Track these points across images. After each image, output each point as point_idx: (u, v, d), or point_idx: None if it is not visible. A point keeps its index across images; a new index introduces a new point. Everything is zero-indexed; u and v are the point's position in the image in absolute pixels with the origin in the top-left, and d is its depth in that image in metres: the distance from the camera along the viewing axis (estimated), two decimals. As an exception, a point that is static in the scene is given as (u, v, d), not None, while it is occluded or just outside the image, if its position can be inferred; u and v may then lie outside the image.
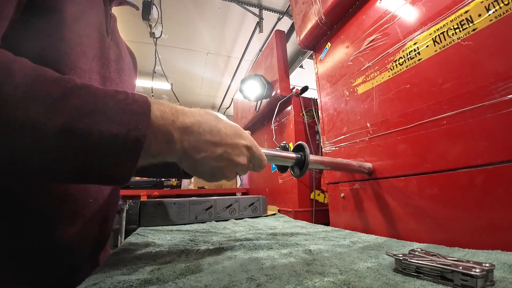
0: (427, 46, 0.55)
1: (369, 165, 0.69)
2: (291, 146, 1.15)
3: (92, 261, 0.49)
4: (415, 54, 0.57)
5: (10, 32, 0.30)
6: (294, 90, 1.15)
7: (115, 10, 0.54)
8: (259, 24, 2.35)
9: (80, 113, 0.24)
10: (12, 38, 0.30)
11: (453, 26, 0.50)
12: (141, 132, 0.26)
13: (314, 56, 1.01)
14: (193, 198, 0.97)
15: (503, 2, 0.42)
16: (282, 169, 0.57)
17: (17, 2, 0.30)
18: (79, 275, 0.43)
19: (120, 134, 0.25)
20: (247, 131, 0.44)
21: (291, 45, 2.58)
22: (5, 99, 0.21)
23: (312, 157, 0.56)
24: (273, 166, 1.22)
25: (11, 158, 0.23)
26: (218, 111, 4.58)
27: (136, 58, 0.66)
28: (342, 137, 0.82)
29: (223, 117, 0.37)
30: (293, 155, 0.55)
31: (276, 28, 2.38)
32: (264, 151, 0.48)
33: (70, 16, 0.37)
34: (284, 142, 0.60)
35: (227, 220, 0.97)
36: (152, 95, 3.23)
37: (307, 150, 0.55)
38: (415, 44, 0.57)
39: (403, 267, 0.33)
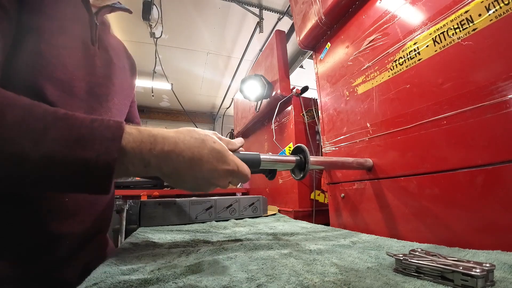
0: (427, 46, 0.55)
1: (369, 161, 0.69)
2: (291, 146, 1.15)
3: (87, 254, 0.49)
4: (415, 54, 0.57)
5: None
6: (294, 90, 1.15)
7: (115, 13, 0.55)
8: (259, 24, 2.35)
9: (57, 144, 0.28)
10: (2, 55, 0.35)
11: (453, 26, 0.50)
12: (110, 157, 0.29)
13: (314, 56, 1.01)
14: (193, 198, 0.97)
15: (503, 2, 0.42)
16: (271, 176, 0.56)
17: (8, 31, 0.35)
18: (74, 268, 0.45)
19: (91, 159, 0.28)
20: (239, 138, 0.45)
21: (291, 45, 2.58)
22: None
23: (312, 158, 0.56)
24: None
25: (3, 180, 0.28)
26: (218, 111, 4.61)
27: (137, 58, 0.67)
28: (342, 137, 0.82)
29: (211, 139, 0.38)
30: (293, 158, 0.54)
31: (276, 28, 2.37)
32: (264, 157, 0.48)
33: (48, 32, 0.41)
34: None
35: (227, 220, 0.96)
36: (153, 95, 3.23)
37: (307, 151, 0.54)
38: (415, 44, 0.57)
39: (403, 267, 0.33)
